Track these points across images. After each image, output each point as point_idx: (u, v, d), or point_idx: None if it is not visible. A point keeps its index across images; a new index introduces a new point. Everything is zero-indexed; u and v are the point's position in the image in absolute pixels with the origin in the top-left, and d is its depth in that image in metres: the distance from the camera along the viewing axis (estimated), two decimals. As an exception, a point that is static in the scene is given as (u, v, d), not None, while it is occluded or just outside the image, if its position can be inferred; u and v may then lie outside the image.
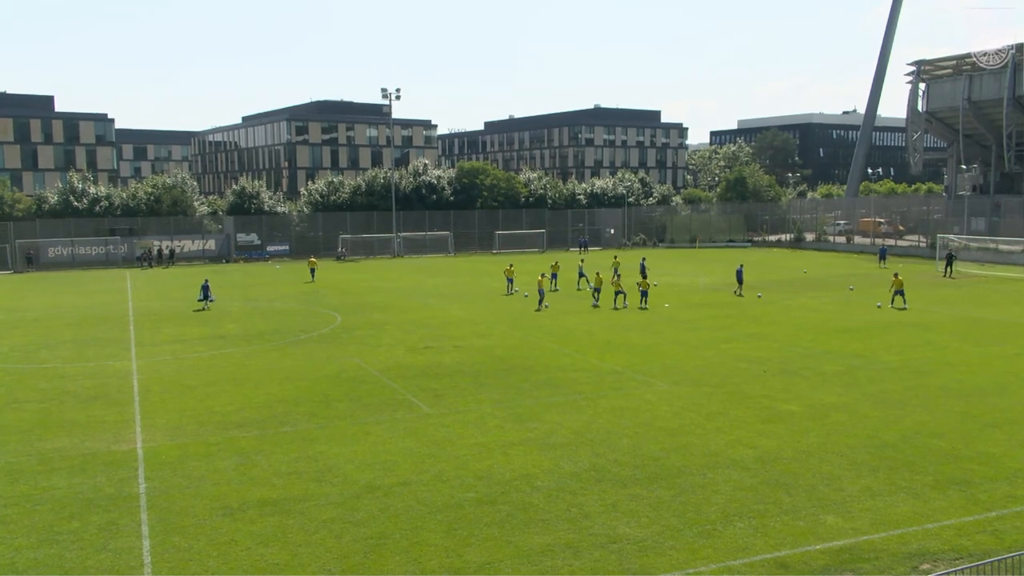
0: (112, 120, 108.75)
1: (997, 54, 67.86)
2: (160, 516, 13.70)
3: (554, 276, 46.26)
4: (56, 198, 71.43)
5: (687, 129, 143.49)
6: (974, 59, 69.04)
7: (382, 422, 19.22)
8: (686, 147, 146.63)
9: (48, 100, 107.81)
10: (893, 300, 37.65)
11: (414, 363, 25.90)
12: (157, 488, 15.01)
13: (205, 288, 40.42)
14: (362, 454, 16.86)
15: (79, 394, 22.25)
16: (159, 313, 38.16)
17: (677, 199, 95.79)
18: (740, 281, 42.66)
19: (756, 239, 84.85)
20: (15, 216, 68.46)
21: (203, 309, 39.28)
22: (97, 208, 71.05)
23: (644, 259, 50.19)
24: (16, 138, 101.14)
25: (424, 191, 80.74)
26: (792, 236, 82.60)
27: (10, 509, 14.03)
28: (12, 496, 14.64)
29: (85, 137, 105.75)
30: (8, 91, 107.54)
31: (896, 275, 39.13)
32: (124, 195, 73.98)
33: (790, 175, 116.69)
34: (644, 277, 44.99)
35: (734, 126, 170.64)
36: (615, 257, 51.24)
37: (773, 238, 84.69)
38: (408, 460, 16.45)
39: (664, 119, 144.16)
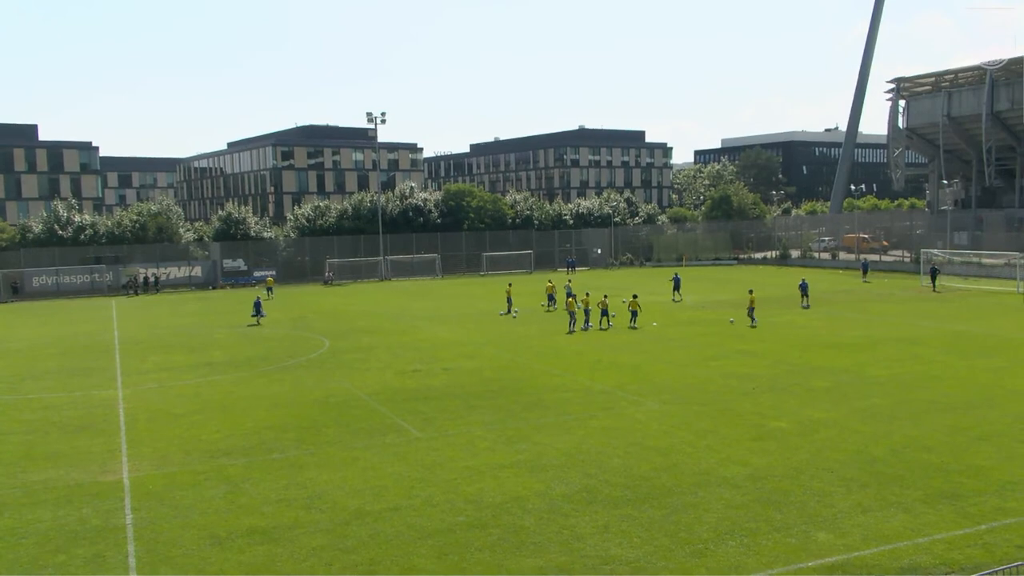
0: (96, 148, 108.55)
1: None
2: (147, 547, 13.53)
3: (551, 297, 46.50)
4: (40, 227, 71.01)
5: (671, 149, 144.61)
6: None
7: (371, 447, 19.10)
8: (671, 167, 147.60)
9: (31, 129, 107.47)
10: (750, 315, 37.95)
11: (403, 387, 25.80)
12: (144, 519, 14.83)
13: (257, 304, 44.27)
14: (351, 480, 16.73)
15: (64, 425, 22.02)
16: (145, 341, 37.90)
17: (663, 218, 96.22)
18: (805, 294, 44.51)
19: (742, 257, 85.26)
20: (-1, 246, 68.04)
21: (255, 324, 42.66)
22: (82, 236, 70.68)
23: (677, 275, 51.88)
24: (0, 168, 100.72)
25: (411, 214, 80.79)
26: (778, 253, 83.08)
27: (-6, 543, 13.83)
28: (-4, 530, 14.44)
29: (69, 165, 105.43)
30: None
31: (751, 292, 39.82)
32: (109, 223, 73.63)
33: (774, 193, 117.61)
34: (677, 290, 48.55)
35: (718, 145, 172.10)
36: (569, 281, 51.85)
37: (759, 255, 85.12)
38: (398, 485, 16.34)
39: (649, 139, 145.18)
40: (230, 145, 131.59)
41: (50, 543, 13.80)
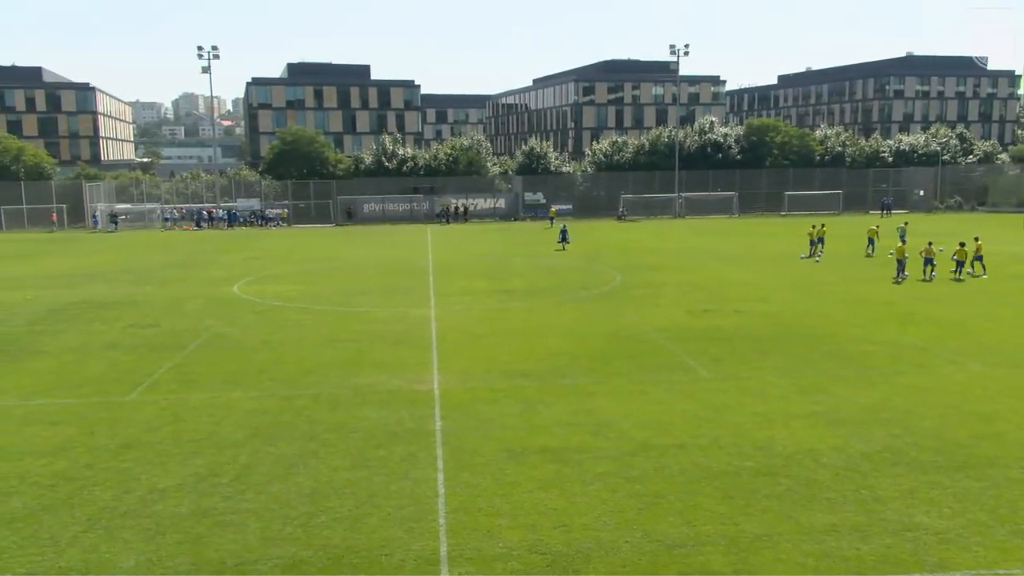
0: (418, 87, 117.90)
1: None
2: (452, 453, 14.85)
3: (820, 240, 42.66)
4: (370, 159, 79.39)
5: (1020, 77, 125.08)
6: None
7: (658, 383, 19.19)
8: (1018, 97, 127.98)
9: (365, 69, 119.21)
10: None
11: (692, 325, 25.50)
12: (450, 427, 16.27)
13: (564, 231, 48.33)
14: (638, 412, 16.97)
15: (387, 337, 24.68)
16: (454, 266, 41.12)
17: (1003, 157, 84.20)
18: None
19: (1105, 203, 72.35)
20: (337, 175, 77.27)
21: (561, 250, 46.81)
22: (404, 168, 77.91)
23: None
24: (339, 104, 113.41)
25: (709, 150, 78.55)
26: None
27: (330, 434, 16.00)
28: (332, 422, 16.68)
29: (395, 103, 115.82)
30: (333, 62, 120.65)
31: (930, 243, 34.68)
32: (427, 156, 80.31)
33: None
34: None
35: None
36: (905, 223, 45.96)
37: None
38: (684, 423, 16.29)
39: (992, 66, 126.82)
40: (535, 82, 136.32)
41: (373, 439, 15.66)
